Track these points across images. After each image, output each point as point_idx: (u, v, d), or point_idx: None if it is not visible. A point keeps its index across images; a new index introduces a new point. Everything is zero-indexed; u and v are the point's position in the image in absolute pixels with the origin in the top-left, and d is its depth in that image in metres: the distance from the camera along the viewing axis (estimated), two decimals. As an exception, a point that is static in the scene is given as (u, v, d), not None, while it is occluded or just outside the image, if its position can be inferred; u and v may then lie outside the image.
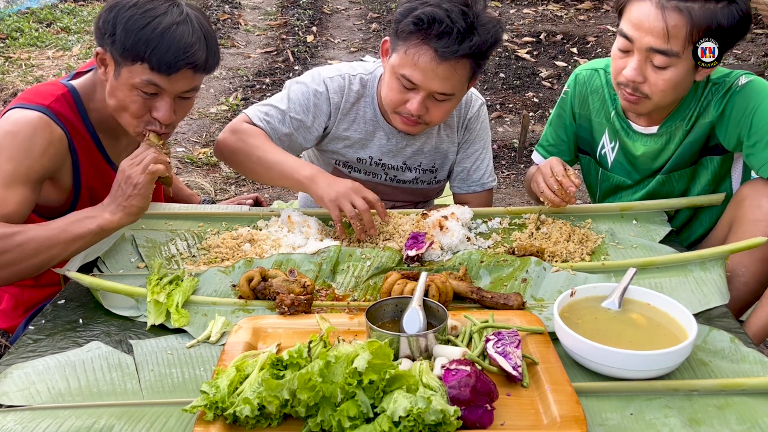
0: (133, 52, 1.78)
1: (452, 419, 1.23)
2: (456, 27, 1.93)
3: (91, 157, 2.01)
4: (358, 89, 2.27)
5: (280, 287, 1.72)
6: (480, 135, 2.40)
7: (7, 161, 1.78)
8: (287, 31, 7.49)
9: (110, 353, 1.56)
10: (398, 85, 2.07)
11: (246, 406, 1.26)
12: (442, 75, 2.00)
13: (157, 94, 1.84)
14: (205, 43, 1.84)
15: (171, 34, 1.77)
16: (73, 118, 1.93)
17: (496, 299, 1.70)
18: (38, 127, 1.83)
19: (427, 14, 1.94)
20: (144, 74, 1.80)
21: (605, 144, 2.31)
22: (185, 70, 1.82)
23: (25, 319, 2.11)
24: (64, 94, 1.93)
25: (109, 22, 1.80)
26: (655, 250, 1.96)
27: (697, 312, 1.68)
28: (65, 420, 1.35)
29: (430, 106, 2.10)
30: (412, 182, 2.42)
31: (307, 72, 2.33)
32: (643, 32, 1.92)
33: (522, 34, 7.24)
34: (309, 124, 2.25)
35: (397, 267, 1.86)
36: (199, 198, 2.77)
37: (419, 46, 1.98)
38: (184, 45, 1.78)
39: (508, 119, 5.27)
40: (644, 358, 1.42)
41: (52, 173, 1.90)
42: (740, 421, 1.35)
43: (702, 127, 2.09)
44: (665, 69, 1.95)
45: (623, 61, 2.01)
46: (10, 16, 7.37)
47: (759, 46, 6.30)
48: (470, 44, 1.96)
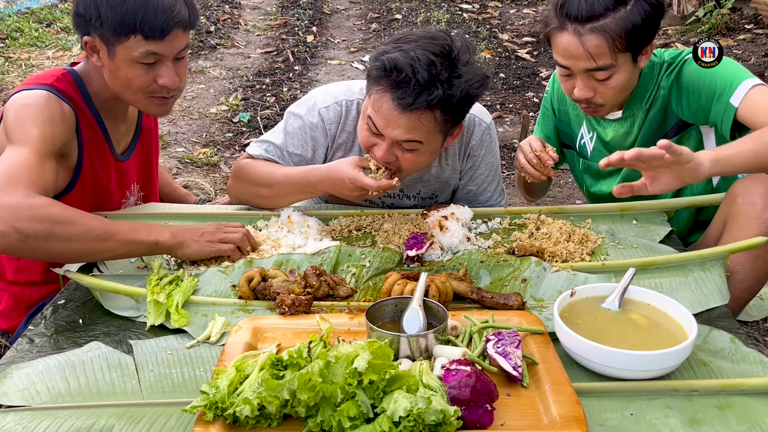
0: (124, 26, 1.82)
1: (452, 419, 1.23)
2: (416, 78, 1.82)
3: (95, 137, 2.04)
4: (356, 116, 2.17)
5: (280, 287, 1.72)
6: (485, 159, 2.27)
7: (33, 126, 1.81)
8: (287, 31, 7.49)
9: (110, 353, 1.55)
10: (367, 128, 1.98)
11: (246, 407, 1.26)
12: (405, 125, 1.89)
13: (156, 62, 1.89)
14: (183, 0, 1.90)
15: (153, 0, 1.82)
16: (76, 97, 1.97)
17: (496, 299, 1.70)
18: (50, 99, 1.88)
19: (390, 61, 1.85)
20: (140, 46, 1.84)
21: (584, 134, 2.42)
22: (176, 29, 1.87)
23: (25, 319, 2.12)
24: (64, 74, 1.97)
25: (90, 6, 1.83)
26: (655, 250, 1.96)
27: (697, 312, 1.68)
28: (65, 420, 1.35)
29: (398, 154, 1.97)
30: (411, 208, 2.29)
31: (304, 98, 2.25)
32: (573, 59, 2.04)
33: (522, 34, 7.24)
34: (309, 157, 2.19)
35: (397, 267, 1.86)
36: (194, 197, 2.78)
37: (383, 92, 1.89)
38: (168, 6, 1.84)
39: (508, 119, 5.27)
40: (644, 359, 1.42)
41: (65, 148, 1.93)
42: (740, 421, 1.35)
43: (660, 100, 2.18)
44: (608, 79, 2.07)
45: (570, 82, 2.14)
46: (10, 16, 7.37)
47: (759, 46, 6.29)
48: (428, 98, 1.83)
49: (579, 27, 2.00)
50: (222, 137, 4.82)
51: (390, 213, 2.13)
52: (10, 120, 1.84)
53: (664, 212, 2.17)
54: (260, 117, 5.09)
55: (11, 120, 1.84)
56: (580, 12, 1.99)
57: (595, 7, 1.98)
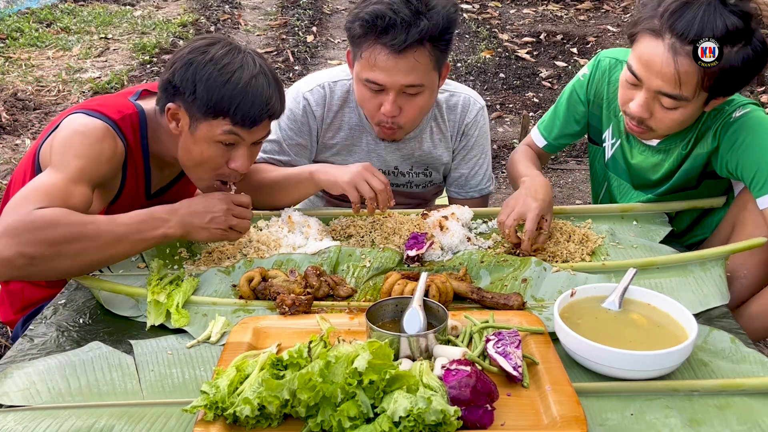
0: (216, 109, 1.77)
1: (452, 419, 1.23)
2: (399, 17, 1.92)
3: (137, 181, 2.01)
4: (341, 95, 2.25)
5: (281, 287, 1.72)
6: (479, 141, 2.36)
7: (77, 158, 1.77)
8: (287, 31, 7.49)
9: (110, 353, 1.55)
10: (368, 91, 2.06)
11: (246, 406, 1.26)
12: (404, 68, 1.98)
13: (235, 144, 1.85)
14: (278, 91, 1.86)
15: (252, 89, 1.78)
16: (133, 142, 1.93)
17: (496, 299, 1.70)
18: (107, 135, 1.83)
19: (369, 13, 1.95)
20: (225, 126, 1.80)
21: (607, 138, 2.27)
22: (265, 121, 1.84)
23: (24, 317, 2.11)
24: (131, 114, 1.92)
25: (188, 80, 1.78)
26: (656, 251, 1.96)
27: (697, 312, 1.68)
28: (65, 420, 1.35)
29: (403, 104, 2.07)
30: (405, 186, 2.40)
31: (288, 90, 2.27)
32: (653, 74, 1.83)
33: (522, 34, 7.24)
34: (305, 144, 2.27)
35: (397, 267, 1.86)
36: None
37: (372, 46, 1.98)
38: (266, 98, 1.80)
39: (508, 119, 5.27)
40: (644, 359, 1.42)
41: (106, 184, 1.90)
42: (740, 421, 1.35)
43: (700, 157, 2.03)
44: (674, 109, 1.88)
45: (631, 92, 1.93)
46: (10, 16, 7.37)
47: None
48: (419, 30, 1.93)
49: (678, 44, 1.78)
50: (222, 137, 4.82)
51: (390, 213, 2.13)
52: (59, 142, 1.81)
53: (664, 213, 2.17)
54: (260, 117, 5.08)
55: (60, 142, 1.80)
56: (689, 29, 1.77)
57: (705, 32, 1.76)
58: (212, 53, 1.79)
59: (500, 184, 4.30)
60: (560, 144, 2.42)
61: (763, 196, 1.89)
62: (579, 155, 4.69)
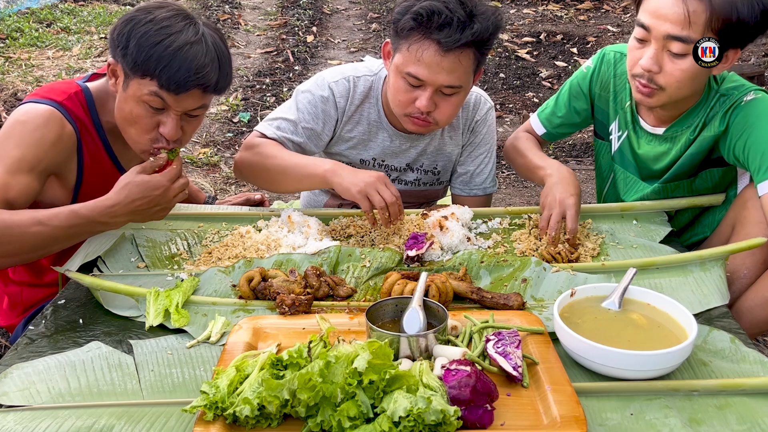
0: (143, 68, 1.76)
1: (452, 419, 1.23)
2: (456, 16, 1.94)
3: (99, 159, 2.01)
4: (363, 91, 2.27)
5: (281, 287, 1.72)
6: (486, 139, 2.39)
7: (15, 148, 1.79)
8: (287, 31, 7.49)
9: (110, 353, 1.56)
10: (405, 84, 2.07)
11: (246, 406, 1.26)
12: (448, 67, 2.00)
13: (164, 109, 1.83)
14: (218, 64, 1.83)
15: (183, 54, 1.76)
16: (84, 117, 1.94)
17: (496, 299, 1.70)
18: (50, 120, 1.85)
19: (425, 8, 1.96)
20: (152, 87, 1.78)
21: (614, 131, 2.28)
22: (194, 89, 1.80)
23: (25, 319, 2.11)
24: (77, 92, 1.94)
25: (123, 35, 1.78)
26: (655, 251, 1.96)
27: (697, 312, 1.68)
28: (65, 420, 1.35)
29: (438, 101, 2.08)
30: (414, 183, 2.42)
31: (311, 78, 2.33)
32: (662, 19, 1.88)
33: (522, 34, 7.23)
34: (319, 131, 2.27)
35: (397, 267, 1.86)
36: (204, 195, 2.77)
37: (421, 41, 1.99)
38: (196, 66, 1.77)
39: (508, 119, 5.27)
40: (644, 358, 1.42)
41: (58, 169, 1.91)
42: (740, 421, 1.35)
43: (706, 140, 2.04)
44: (683, 58, 1.89)
45: (640, 52, 1.96)
46: (10, 16, 7.37)
47: (759, 46, 6.29)
48: (472, 32, 1.96)
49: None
50: (222, 137, 4.83)
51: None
52: (2, 132, 1.84)
53: (664, 212, 2.17)
54: (260, 117, 5.09)
55: (2, 132, 1.83)
56: None
57: None
58: (156, 14, 1.79)
59: (500, 184, 4.30)
60: (559, 133, 2.45)
61: (764, 182, 1.89)
62: (579, 155, 4.69)
